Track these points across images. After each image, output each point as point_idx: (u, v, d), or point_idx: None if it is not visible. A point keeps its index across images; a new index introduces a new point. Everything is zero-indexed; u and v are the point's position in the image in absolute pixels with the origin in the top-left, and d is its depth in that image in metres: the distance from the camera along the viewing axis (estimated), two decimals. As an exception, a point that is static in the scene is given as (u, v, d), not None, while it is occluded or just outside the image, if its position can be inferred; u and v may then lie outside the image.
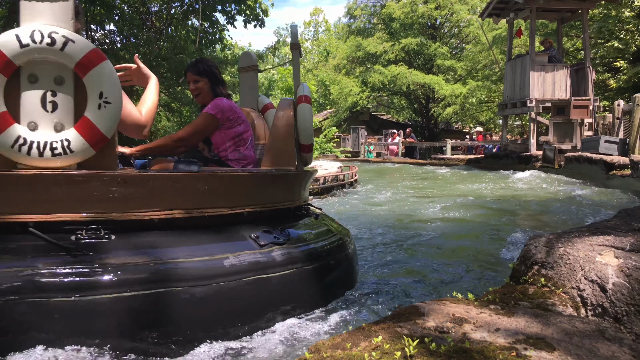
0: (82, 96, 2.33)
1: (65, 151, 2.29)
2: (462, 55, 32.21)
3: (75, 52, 2.26)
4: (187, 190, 2.59)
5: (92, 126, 2.33)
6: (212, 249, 2.54)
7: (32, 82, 2.27)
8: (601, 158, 10.80)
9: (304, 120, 3.40)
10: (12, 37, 2.18)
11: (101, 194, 2.36)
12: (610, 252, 2.20)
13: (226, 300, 2.47)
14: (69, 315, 2.09)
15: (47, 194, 2.26)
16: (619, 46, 18.42)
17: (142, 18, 18.08)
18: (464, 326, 1.75)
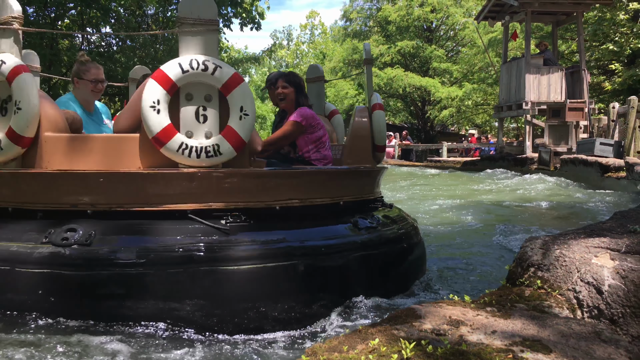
0: (226, 110, 2.96)
1: (215, 154, 2.91)
2: (457, 58, 32.30)
3: (221, 76, 2.90)
4: (301, 184, 3.22)
5: (235, 133, 2.93)
6: (325, 231, 3.17)
7: (188, 99, 2.94)
8: (596, 160, 10.83)
9: (379, 124, 3.89)
10: (176, 64, 2.87)
11: (241, 187, 2.99)
12: (606, 254, 2.21)
13: (338, 272, 3.06)
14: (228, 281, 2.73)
15: (202, 187, 2.90)
16: (614, 49, 18.50)
17: (138, 21, 18.07)
18: (460, 328, 1.76)
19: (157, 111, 2.86)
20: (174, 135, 2.87)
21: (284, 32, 64.21)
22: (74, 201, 2.91)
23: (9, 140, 2.94)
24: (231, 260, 2.75)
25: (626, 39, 18.20)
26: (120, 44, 17.89)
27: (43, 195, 2.96)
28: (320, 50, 51.72)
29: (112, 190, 2.89)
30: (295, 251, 2.90)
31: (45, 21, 14.34)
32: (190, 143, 2.88)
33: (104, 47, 17.87)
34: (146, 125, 2.88)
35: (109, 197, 2.89)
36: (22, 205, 3.03)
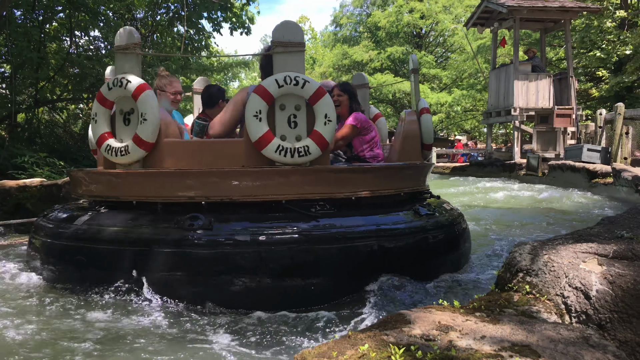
0: (312, 117, 3.58)
1: (305, 153, 3.53)
2: (447, 64, 32.49)
3: (309, 89, 3.51)
4: (372, 178, 3.84)
5: (321, 136, 3.55)
6: (393, 217, 3.78)
7: (282, 109, 3.58)
8: (584, 166, 10.92)
9: (427, 126, 4.56)
10: (273, 81, 3.50)
11: (325, 181, 3.60)
12: (593, 260, 2.22)
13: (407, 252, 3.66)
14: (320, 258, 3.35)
15: (294, 181, 3.53)
16: (601, 56, 18.70)
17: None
18: (449, 334, 1.75)
19: (259, 119, 3.49)
20: (271, 139, 3.51)
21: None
22: (191, 195, 3.53)
23: (135, 145, 3.60)
24: (321, 241, 3.38)
25: (613, 46, 18.41)
26: (109, 47, 17.79)
27: (163, 190, 3.57)
28: (310, 55, 51.76)
29: (223, 185, 3.51)
30: (371, 234, 3.53)
31: (32, 24, 14.22)
32: (284, 145, 3.52)
33: (92, 51, 17.75)
34: (249, 131, 3.53)
35: (220, 190, 3.51)
36: (144, 199, 3.63)
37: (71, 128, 19.19)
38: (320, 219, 3.46)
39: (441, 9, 30.23)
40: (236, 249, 3.27)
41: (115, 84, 3.68)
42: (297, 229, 3.36)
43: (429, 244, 3.80)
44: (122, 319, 3.10)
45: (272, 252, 3.28)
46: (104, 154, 3.79)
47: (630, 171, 8.95)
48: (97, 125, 3.82)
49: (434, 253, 3.86)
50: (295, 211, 3.47)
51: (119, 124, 3.78)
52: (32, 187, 7.04)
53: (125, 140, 3.69)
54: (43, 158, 11.37)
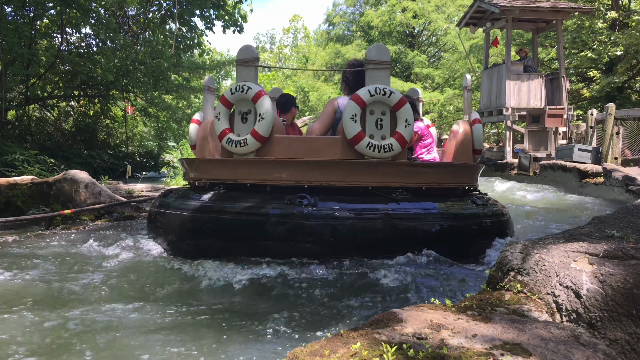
0: (395, 121, 4.41)
1: (389, 150, 4.38)
2: (439, 63, 32.55)
3: (394, 99, 4.35)
4: (439, 172, 4.79)
5: (402, 136, 4.38)
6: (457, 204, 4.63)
7: (371, 113, 4.41)
8: (575, 166, 10.98)
9: (478, 134, 5.37)
10: (367, 91, 4.33)
11: (403, 173, 4.51)
12: (584, 259, 2.23)
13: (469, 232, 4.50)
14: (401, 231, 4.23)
15: (379, 172, 4.44)
16: (592, 56, 18.81)
17: (118, 22, 17.90)
18: (441, 332, 1.76)
19: (355, 121, 4.32)
20: (363, 137, 4.35)
21: (267, 35, 64.16)
22: (297, 179, 4.41)
23: (253, 139, 4.43)
24: (402, 219, 4.27)
25: (604, 47, 18.52)
26: (100, 44, 17.69)
27: (272, 175, 4.46)
28: (303, 54, 51.73)
29: (323, 172, 4.40)
30: (441, 215, 4.41)
31: (23, 20, 14.11)
32: (373, 142, 4.35)
33: (83, 48, 17.65)
34: (346, 130, 4.36)
35: (321, 176, 4.41)
36: (257, 182, 4.51)
37: (62, 125, 19.08)
38: (399, 202, 4.34)
39: (434, 8, 30.29)
40: (335, 222, 4.17)
41: (237, 89, 4.49)
42: (381, 208, 4.27)
43: (483, 227, 4.60)
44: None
45: (362, 225, 4.20)
46: (224, 145, 4.62)
47: (620, 171, 9.01)
48: (220, 122, 4.63)
49: (486, 234, 4.63)
50: (380, 195, 4.39)
51: (238, 122, 4.61)
52: (23, 185, 6.99)
53: (243, 134, 4.53)
54: (34, 155, 11.30)
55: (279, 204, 4.27)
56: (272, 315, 3.18)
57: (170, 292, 3.72)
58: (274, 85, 33.80)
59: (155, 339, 2.80)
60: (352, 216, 4.20)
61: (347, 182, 4.41)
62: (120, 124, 21.30)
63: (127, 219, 6.95)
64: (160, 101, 19.34)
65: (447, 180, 4.77)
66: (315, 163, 4.41)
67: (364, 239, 4.19)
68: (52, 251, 5.06)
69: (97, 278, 4.01)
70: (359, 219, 4.20)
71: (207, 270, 4.11)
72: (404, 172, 4.52)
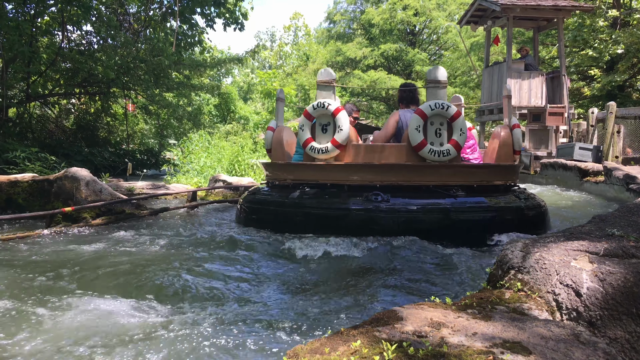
0: (451, 130, 5.26)
1: (447, 155, 5.23)
2: (440, 61, 32.49)
3: (450, 112, 5.23)
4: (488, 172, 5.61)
5: (457, 143, 5.25)
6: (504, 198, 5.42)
7: (432, 124, 5.25)
8: (576, 164, 10.97)
9: (517, 137, 6.01)
10: (428, 106, 5.21)
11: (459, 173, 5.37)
12: (584, 257, 2.23)
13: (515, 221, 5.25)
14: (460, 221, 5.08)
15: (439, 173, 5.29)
16: (593, 55, 18.77)
17: (119, 19, 17.88)
18: (441, 330, 1.76)
19: (418, 131, 5.21)
20: (425, 144, 5.22)
21: (267, 33, 64.07)
22: (370, 179, 5.33)
23: (333, 146, 5.38)
24: (458, 211, 5.07)
25: (605, 45, 18.48)
26: (101, 42, 17.68)
27: (350, 176, 5.39)
28: (304, 52, 51.69)
29: (393, 173, 5.32)
30: (490, 208, 5.22)
31: (24, 18, 14.10)
32: (433, 148, 5.21)
33: (84, 45, 17.63)
34: (411, 139, 5.26)
35: (391, 177, 5.33)
36: (336, 182, 5.43)
37: (63, 123, 19.08)
38: (456, 197, 5.17)
39: (435, 6, 30.22)
40: (406, 214, 5.07)
41: (319, 105, 5.45)
42: (441, 203, 5.11)
43: (525, 217, 5.34)
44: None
45: (427, 216, 5.07)
46: (307, 151, 5.52)
47: (621, 169, 9.01)
48: (304, 132, 5.57)
49: (529, 223, 5.33)
50: (440, 192, 5.22)
51: (319, 132, 5.54)
52: (24, 182, 7.00)
53: (324, 143, 5.46)
54: (34, 153, 11.31)
55: (358, 200, 5.20)
56: (271, 314, 3.19)
57: (170, 290, 3.73)
58: (275, 83, 33.76)
59: (155, 337, 2.81)
60: (418, 210, 5.09)
61: (413, 181, 5.31)
62: (121, 122, 21.29)
63: (128, 217, 6.95)
64: (161, 99, 19.33)
65: (494, 178, 5.59)
66: (386, 166, 5.35)
67: (428, 228, 5.04)
68: (53, 249, 5.07)
69: (97, 276, 4.02)
70: (424, 212, 5.08)
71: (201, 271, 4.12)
72: (459, 173, 5.38)
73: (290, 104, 37.60)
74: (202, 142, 15.29)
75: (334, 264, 4.42)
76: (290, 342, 2.70)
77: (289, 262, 4.56)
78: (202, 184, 11.47)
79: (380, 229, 5.05)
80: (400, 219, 5.05)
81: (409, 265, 4.30)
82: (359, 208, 5.14)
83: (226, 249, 5.06)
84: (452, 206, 5.09)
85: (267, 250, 5.03)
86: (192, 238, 5.64)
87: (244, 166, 12.83)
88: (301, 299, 3.48)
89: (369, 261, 4.49)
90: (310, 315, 3.12)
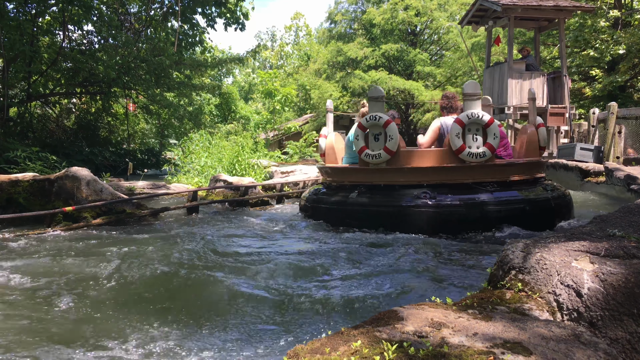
0: (485, 135, 5.97)
1: (483, 156, 5.95)
2: (441, 61, 32.49)
3: (485, 119, 5.91)
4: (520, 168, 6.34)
5: (491, 146, 5.96)
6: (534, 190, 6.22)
7: (469, 131, 5.99)
8: (577, 165, 10.96)
9: (542, 135, 6.93)
10: (466, 115, 5.95)
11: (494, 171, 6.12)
12: (585, 258, 2.23)
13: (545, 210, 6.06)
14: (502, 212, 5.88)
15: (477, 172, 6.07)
16: (595, 55, 18.76)
17: (120, 19, 17.88)
18: (442, 330, 1.76)
19: (458, 137, 5.97)
20: (465, 148, 5.98)
21: (268, 33, 64.08)
22: (418, 180, 6.10)
23: (385, 153, 6.15)
24: (494, 204, 5.89)
25: (606, 45, 18.47)
26: (102, 42, 17.69)
27: (399, 178, 6.21)
28: (304, 51, 51.69)
29: (437, 174, 6.11)
30: (522, 201, 5.98)
31: (25, 17, 14.11)
32: (471, 151, 5.97)
33: (85, 45, 17.64)
34: (452, 144, 6.01)
35: (435, 177, 6.11)
36: (389, 182, 6.25)
37: (64, 123, 19.09)
38: (492, 192, 5.98)
39: (436, 6, 30.22)
40: (450, 208, 5.88)
41: (372, 118, 6.21)
42: (480, 197, 5.93)
43: (552, 206, 6.15)
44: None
45: (469, 209, 5.88)
46: (362, 157, 6.32)
47: (622, 170, 9.00)
48: (359, 141, 6.32)
49: (555, 211, 6.17)
50: (478, 188, 6.02)
51: (372, 141, 6.28)
52: (24, 182, 7.00)
53: (377, 150, 6.22)
54: (35, 152, 11.32)
55: (409, 198, 6.01)
56: (272, 314, 3.18)
57: (169, 290, 3.73)
58: (275, 82, 33.76)
59: (153, 336, 2.81)
60: (460, 204, 5.88)
61: (454, 180, 6.10)
62: (122, 122, 21.31)
63: (129, 216, 6.95)
64: (162, 99, 19.34)
65: (524, 173, 6.38)
66: (431, 168, 6.16)
67: (470, 219, 5.84)
68: (53, 248, 5.07)
69: (96, 275, 4.02)
70: (465, 206, 5.88)
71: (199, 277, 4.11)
72: (494, 171, 6.18)
73: (291, 104, 37.60)
74: (203, 142, 15.29)
75: (333, 264, 4.41)
76: (291, 342, 2.70)
77: (288, 261, 4.56)
78: (203, 183, 11.47)
79: (428, 222, 5.86)
80: (444, 212, 5.86)
81: (410, 265, 4.30)
82: (410, 205, 5.94)
83: (223, 249, 5.06)
84: (488, 200, 5.91)
85: (267, 249, 5.03)
86: (192, 238, 5.64)
87: (244, 166, 12.83)
88: (301, 299, 3.47)
89: (369, 261, 4.49)
90: (311, 315, 3.12)
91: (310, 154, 26.30)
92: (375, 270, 4.16)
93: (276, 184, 10.84)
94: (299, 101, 41.42)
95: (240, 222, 7.10)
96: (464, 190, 5.98)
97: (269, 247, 5.24)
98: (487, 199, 5.91)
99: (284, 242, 5.52)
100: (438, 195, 5.90)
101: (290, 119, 39.86)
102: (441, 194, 5.93)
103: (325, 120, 7.72)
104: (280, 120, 35.84)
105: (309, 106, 38.76)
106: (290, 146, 26.65)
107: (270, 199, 9.66)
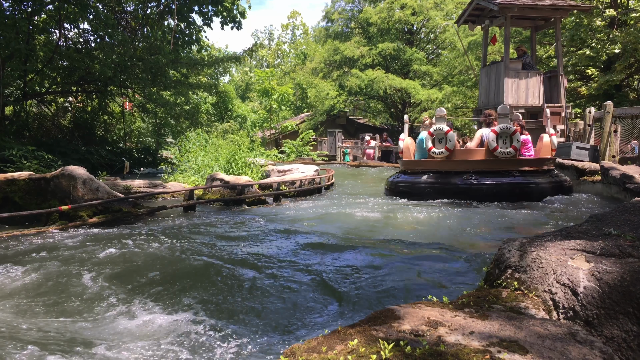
0: (511, 140, 9.50)
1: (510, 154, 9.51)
2: (438, 60, 32.54)
3: (511, 130, 9.49)
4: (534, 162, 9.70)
5: (515, 147, 9.47)
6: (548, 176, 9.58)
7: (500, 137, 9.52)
8: (573, 164, 11.00)
9: (554, 142, 9.94)
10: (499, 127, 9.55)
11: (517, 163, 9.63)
12: (581, 256, 2.23)
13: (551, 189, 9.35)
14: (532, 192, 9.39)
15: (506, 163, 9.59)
16: (591, 54, 18.80)
17: (117, 17, 17.82)
18: (438, 329, 1.76)
19: (494, 141, 9.37)
20: (498, 149, 9.36)
21: (265, 31, 64.01)
22: (467, 169, 9.53)
23: (446, 151, 9.59)
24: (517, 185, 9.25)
25: (602, 45, 18.52)
26: (98, 40, 17.63)
27: (456, 167, 9.61)
28: (301, 50, 51.65)
29: (480, 165, 9.54)
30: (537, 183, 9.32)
31: (21, 16, 14.06)
32: (502, 150, 9.37)
33: (81, 44, 17.58)
34: (490, 146, 9.38)
35: (477, 166, 9.52)
36: (448, 170, 9.65)
37: (60, 121, 19.01)
38: (515, 177, 9.28)
39: (432, 5, 30.25)
40: (487, 186, 9.18)
41: (437, 129, 9.57)
42: (506, 180, 9.23)
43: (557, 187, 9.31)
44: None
45: (499, 187, 9.17)
46: (431, 154, 9.64)
47: (618, 169, 9.03)
48: (428, 143, 9.63)
49: (560, 190, 9.31)
50: (506, 174, 9.29)
51: (437, 143, 9.63)
52: (20, 181, 6.98)
53: (440, 149, 9.58)
54: (31, 151, 11.27)
55: (460, 179, 9.35)
56: (268, 313, 3.18)
57: (166, 289, 3.73)
58: (272, 81, 33.74)
59: (151, 336, 2.81)
60: (495, 184, 9.18)
61: (490, 168, 9.39)
62: (118, 120, 21.24)
63: (125, 215, 6.94)
64: (158, 97, 19.29)
65: (539, 165, 9.56)
66: (475, 161, 9.54)
67: (501, 193, 9.12)
68: (49, 247, 5.06)
69: (92, 274, 4.01)
70: (498, 185, 9.17)
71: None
72: (517, 163, 9.46)
73: (288, 103, 37.53)
74: (200, 140, 15.27)
75: (329, 263, 4.42)
76: (287, 341, 2.70)
77: (284, 260, 4.56)
78: (199, 182, 11.46)
79: (472, 194, 9.18)
80: (483, 188, 9.18)
81: (406, 264, 4.31)
82: (460, 184, 9.32)
83: (219, 247, 5.05)
84: (513, 182, 9.22)
85: (262, 249, 5.03)
86: (187, 237, 5.64)
87: (241, 165, 12.82)
88: (297, 297, 3.47)
89: (366, 260, 4.49)
90: (307, 314, 3.12)
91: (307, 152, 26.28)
92: (372, 269, 4.16)
93: (273, 182, 10.85)
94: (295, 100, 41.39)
95: (236, 220, 7.09)
96: (496, 175, 9.29)
97: (264, 246, 5.24)
98: (512, 181, 9.21)
99: (279, 242, 5.51)
100: (480, 178, 9.25)
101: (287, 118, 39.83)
102: (482, 177, 9.27)
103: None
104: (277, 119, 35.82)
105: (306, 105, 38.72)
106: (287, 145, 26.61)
107: (267, 197, 9.67)
